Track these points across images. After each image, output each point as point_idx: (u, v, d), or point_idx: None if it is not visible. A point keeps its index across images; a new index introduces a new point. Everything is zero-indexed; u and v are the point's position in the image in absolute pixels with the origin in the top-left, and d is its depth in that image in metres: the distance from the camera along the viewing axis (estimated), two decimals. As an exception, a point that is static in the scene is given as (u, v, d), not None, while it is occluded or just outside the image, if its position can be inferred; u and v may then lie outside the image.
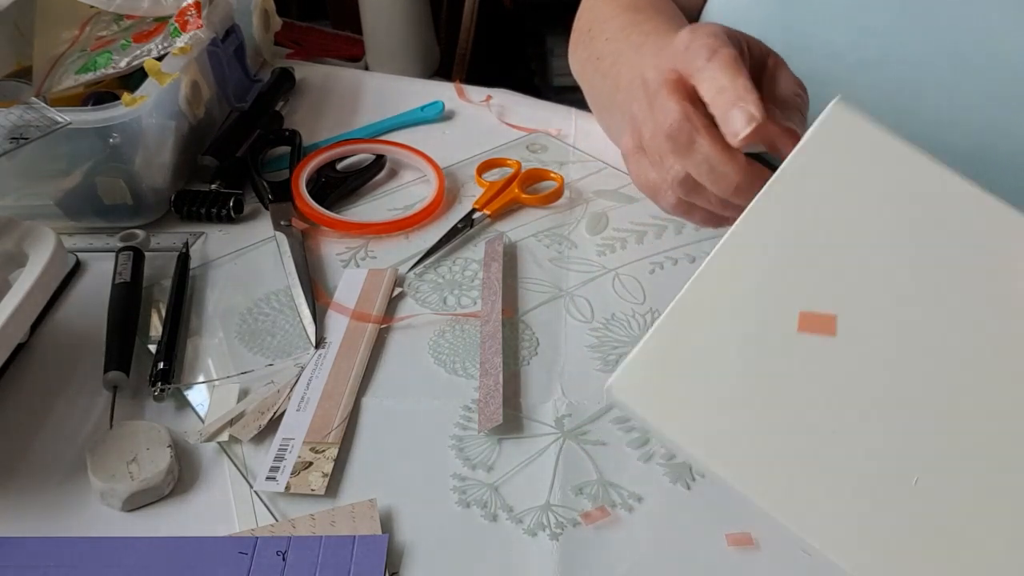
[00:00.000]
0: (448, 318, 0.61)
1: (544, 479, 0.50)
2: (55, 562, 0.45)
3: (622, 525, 0.47)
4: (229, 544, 0.46)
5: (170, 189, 0.72)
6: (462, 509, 0.48)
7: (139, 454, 0.50)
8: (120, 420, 0.53)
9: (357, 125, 0.83)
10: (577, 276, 0.65)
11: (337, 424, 0.53)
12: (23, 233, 0.57)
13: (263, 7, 0.91)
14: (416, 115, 0.84)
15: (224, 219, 0.71)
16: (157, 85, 0.68)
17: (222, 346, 0.60)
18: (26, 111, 0.62)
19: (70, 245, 0.67)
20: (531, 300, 0.62)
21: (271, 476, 0.50)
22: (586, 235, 0.69)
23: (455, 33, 1.98)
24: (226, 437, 0.52)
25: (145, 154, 0.68)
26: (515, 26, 2.04)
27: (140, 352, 0.58)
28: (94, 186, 0.68)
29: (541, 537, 0.47)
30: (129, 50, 0.77)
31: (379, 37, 1.94)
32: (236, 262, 0.68)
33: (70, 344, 0.60)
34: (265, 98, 0.85)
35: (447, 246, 0.68)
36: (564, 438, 0.52)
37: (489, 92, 0.87)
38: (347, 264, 0.67)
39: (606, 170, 0.76)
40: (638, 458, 0.51)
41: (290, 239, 0.67)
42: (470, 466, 0.51)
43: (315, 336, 0.59)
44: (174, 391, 0.56)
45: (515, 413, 0.54)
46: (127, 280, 0.62)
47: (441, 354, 0.58)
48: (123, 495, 0.48)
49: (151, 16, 0.79)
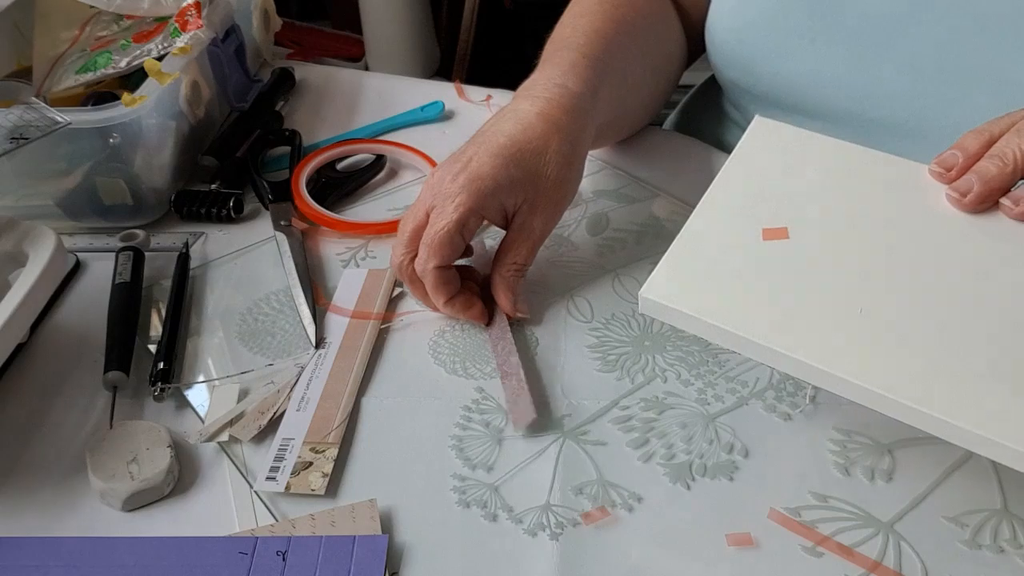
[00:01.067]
0: (448, 318, 0.61)
1: (544, 479, 0.50)
2: (55, 562, 0.45)
3: (622, 525, 0.47)
4: (229, 544, 0.46)
5: (170, 189, 0.72)
6: (462, 509, 0.48)
7: (139, 454, 0.50)
8: (120, 420, 0.53)
9: (357, 125, 0.83)
10: (577, 276, 0.65)
11: (337, 424, 0.53)
12: (23, 233, 0.57)
13: (263, 7, 0.91)
14: (416, 115, 0.84)
15: (224, 219, 0.71)
16: (157, 85, 0.68)
17: (222, 346, 0.60)
18: (26, 111, 0.62)
19: (70, 245, 0.67)
20: (531, 300, 0.62)
21: (271, 476, 0.50)
22: (586, 235, 0.69)
23: (455, 33, 1.98)
24: (226, 437, 0.52)
25: (145, 154, 0.68)
26: (515, 26, 2.04)
27: (140, 352, 0.58)
28: (94, 186, 0.68)
29: (541, 537, 0.47)
30: (129, 50, 0.77)
31: (379, 37, 1.94)
32: (236, 262, 0.68)
33: (70, 344, 0.60)
34: (265, 98, 0.85)
35: (447, 246, 0.68)
36: (564, 438, 0.52)
37: (489, 92, 0.87)
38: (347, 264, 0.67)
39: (606, 170, 0.76)
40: (638, 458, 0.51)
41: (290, 239, 0.67)
42: (470, 466, 0.51)
43: (315, 336, 0.59)
44: (174, 391, 0.56)
45: (543, 409, 0.53)
46: (127, 280, 0.62)
47: (441, 354, 0.58)
48: (123, 495, 0.48)
49: (151, 16, 0.79)
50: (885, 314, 0.39)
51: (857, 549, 0.46)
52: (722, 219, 0.45)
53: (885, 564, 0.45)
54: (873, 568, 0.45)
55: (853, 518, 0.47)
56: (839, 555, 0.45)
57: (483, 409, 0.54)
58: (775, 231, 0.44)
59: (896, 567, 0.45)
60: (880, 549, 0.46)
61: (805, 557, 0.45)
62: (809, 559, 0.45)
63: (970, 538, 0.46)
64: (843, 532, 0.46)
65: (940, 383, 0.37)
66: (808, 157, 0.46)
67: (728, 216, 0.45)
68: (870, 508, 0.48)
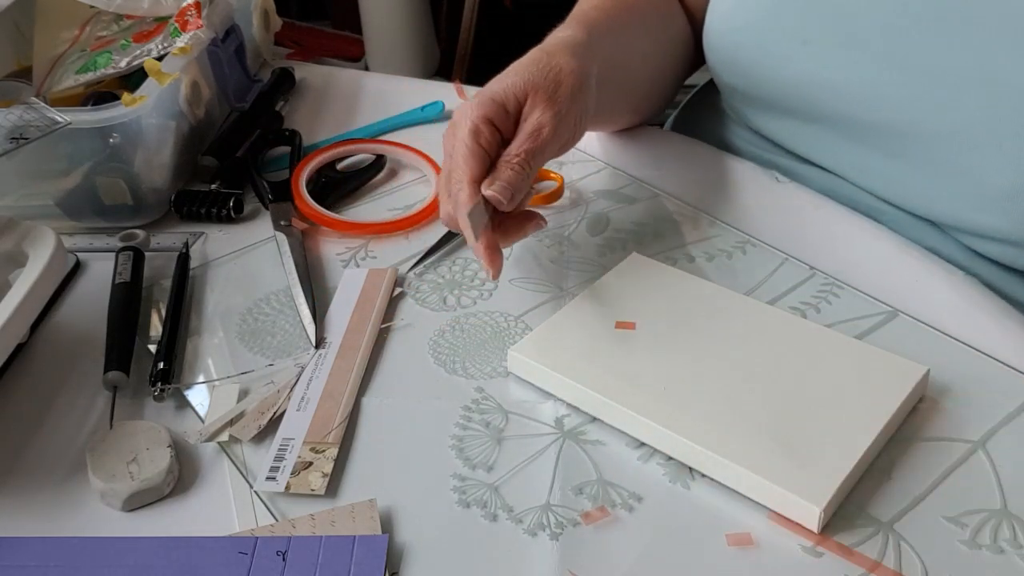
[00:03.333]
0: (448, 318, 0.61)
1: (544, 479, 0.50)
2: (55, 562, 0.45)
3: (622, 525, 0.47)
4: (229, 544, 0.46)
5: (170, 189, 0.72)
6: (462, 509, 0.48)
7: (139, 454, 0.50)
8: (120, 420, 0.53)
9: (357, 125, 0.83)
10: (577, 276, 0.65)
11: (337, 424, 0.53)
12: (23, 233, 0.57)
13: (263, 7, 0.91)
14: (416, 115, 0.84)
15: (224, 219, 0.71)
16: (157, 85, 0.69)
17: (222, 346, 0.60)
18: (26, 111, 0.62)
19: (70, 245, 0.67)
20: (531, 300, 0.62)
21: (271, 476, 0.50)
22: (587, 235, 0.69)
23: (455, 33, 1.98)
24: (226, 437, 0.52)
25: (145, 154, 0.68)
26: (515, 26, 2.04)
27: (140, 352, 0.58)
28: (94, 186, 0.68)
29: (541, 537, 0.47)
30: (129, 50, 0.77)
31: (379, 37, 1.94)
32: (236, 262, 0.68)
33: (70, 344, 0.60)
34: (265, 98, 0.85)
35: (447, 246, 0.68)
36: (564, 438, 0.52)
37: (489, 92, 0.87)
38: (347, 264, 0.67)
39: (606, 170, 0.76)
40: (638, 458, 0.51)
41: (290, 239, 0.67)
42: (470, 466, 0.51)
43: (315, 336, 0.59)
44: (174, 391, 0.56)
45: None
46: (127, 280, 0.62)
47: (441, 354, 0.58)
48: (123, 495, 0.48)
49: (151, 16, 0.79)
50: (683, 387, 0.52)
51: (857, 549, 0.46)
52: (586, 314, 0.58)
53: (885, 564, 0.45)
54: (873, 568, 0.45)
55: (852, 518, 0.47)
56: (839, 555, 0.45)
57: (483, 409, 0.54)
58: (625, 323, 0.57)
59: (896, 567, 0.45)
60: (880, 549, 0.46)
61: (805, 557, 0.45)
62: (809, 559, 0.45)
63: (970, 538, 0.46)
64: (843, 532, 0.46)
65: (715, 430, 0.50)
66: (662, 282, 0.60)
67: (591, 312, 0.58)
68: (870, 508, 0.48)
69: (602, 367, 0.54)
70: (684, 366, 0.54)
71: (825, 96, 0.65)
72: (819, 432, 0.49)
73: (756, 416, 0.50)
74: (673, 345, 0.55)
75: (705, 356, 0.54)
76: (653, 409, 0.51)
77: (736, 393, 0.52)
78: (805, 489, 0.46)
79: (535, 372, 0.55)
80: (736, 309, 0.58)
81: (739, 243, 0.67)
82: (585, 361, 0.54)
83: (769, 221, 0.69)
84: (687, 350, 0.55)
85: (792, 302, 0.61)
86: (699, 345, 0.55)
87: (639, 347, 0.55)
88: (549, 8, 0.77)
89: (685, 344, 0.55)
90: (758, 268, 0.65)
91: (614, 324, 0.57)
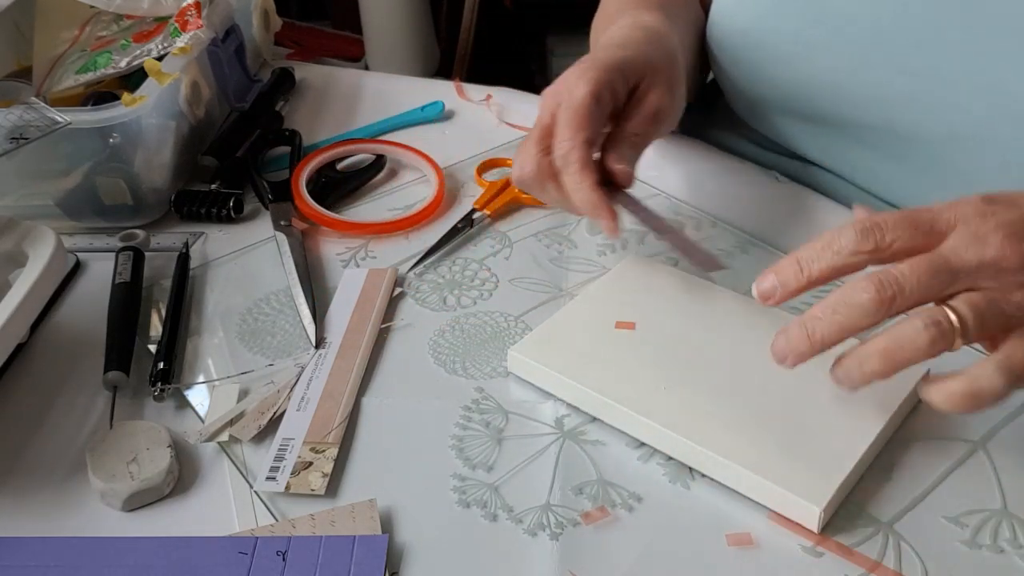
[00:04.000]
0: (448, 318, 0.61)
1: (544, 479, 0.50)
2: (55, 562, 0.45)
3: (622, 525, 0.47)
4: (229, 544, 0.46)
5: (170, 189, 0.72)
6: (462, 509, 0.48)
7: (139, 454, 0.50)
8: (120, 420, 0.53)
9: (357, 125, 0.83)
10: (577, 276, 0.65)
11: (337, 424, 0.53)
12: (23, 233, 0.57)
13: (263, 7, 0.91)
14: (416, 115, 0.84)
15: (224, 219, 0.71)
16: (157, 85, 0.68)
17: (222, 346, 0.60)
18: (26, 111, 0.62)
19: (70, 245, 0.67)
20: (531, 300, 0.62)
21: (271, 476, 0.50)
22: (587, 235, 0.69)
23: (455, 33, 1.98)
24: (226, 437, 0.52)
25: (145, 154, 0.68)
26: (515, 26, 2.04)
27: (140, 352, 0.58)
28: (94, 186, 0.68)
29: (541, 537, 0.47)
30: (129, 50, 0.77)
31: (379, 37, 1.94)
32: (236, 262, 0.68)
33: (70, 344, 0.60)
34: (265, 98, 0.85)
35: (447, 246, 0.68)
36: (564, 438, 0.52)
37: (489, 91, 0.87)
38: (347, 264, 0.67)
39: (606, 170, 0.76)
40: (638, 458, 0.51)
41: (290, 239, 0.67)
42: (470, 466, 0.51)
43: (315, 336, 0.59)
44: (174, 391, 0.56)
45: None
46: (127, 280, 0.62)
47: (441, 354, 0.58)
48: (123, 495, 0.48)
49: (151, 16, 0.79)
50: (683, 387, 0.52)
51: (857, 549, 0.46)
52: (586, 314, 0.58)
53: (885, 564, 0.45)
54: (873, 568, 0.45)
55: (852, 518, 0.47)
56: (839, 555, 0.45)
57: (483, 409, 0.54)
58: (625, 323, 0.57)
59: (896, 567, 0.45)
60: (880, 549, 0.46)
61: (805, 557, 0.45)
62: (809, 559, 0.45)
63: (970, 538, 0.46)
64: (843, 532, 0.46)
65: (715, 430, 0.50)
66: (662, 282, 0.60)
67: (591, 312, 0.58)
68: (870, 508, 0.48)
69: (602, 367, 0.54)
70: (684, 366, 0.54)
71: (826, 98, 0.65)
72: (819, 432, 0.49)
73: (756, 416, 0.50)
74: (673, 345, 0.55)
75: (705, 356, 0.54)
76: (653, 409, 0.51)
77: (736, 393, 0.52)
78: (805, 489, 0.46)
79: (535, 372, 0.55)
80: (736, 309, 0.58)
81: (739, 243, 0.67)
82: (585, 361, 0.54)
83: (769, 221, 0.69)
84: (687, 350, 0.55)
85: (792, 302, 0.61)
86: (699, 345, 0.55)
87: (639, 347, 0.55)
88: (549, 8, 0.77)
89: (685, 344, 0.55)
90: (758, 268, 0.65)
91: (614, 324, 0.57)
